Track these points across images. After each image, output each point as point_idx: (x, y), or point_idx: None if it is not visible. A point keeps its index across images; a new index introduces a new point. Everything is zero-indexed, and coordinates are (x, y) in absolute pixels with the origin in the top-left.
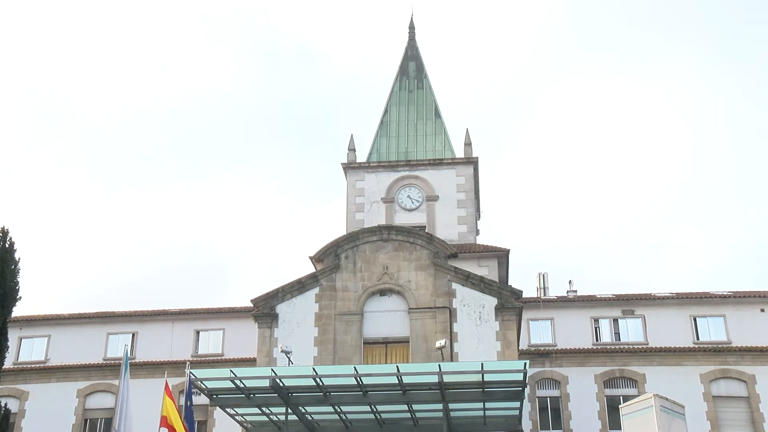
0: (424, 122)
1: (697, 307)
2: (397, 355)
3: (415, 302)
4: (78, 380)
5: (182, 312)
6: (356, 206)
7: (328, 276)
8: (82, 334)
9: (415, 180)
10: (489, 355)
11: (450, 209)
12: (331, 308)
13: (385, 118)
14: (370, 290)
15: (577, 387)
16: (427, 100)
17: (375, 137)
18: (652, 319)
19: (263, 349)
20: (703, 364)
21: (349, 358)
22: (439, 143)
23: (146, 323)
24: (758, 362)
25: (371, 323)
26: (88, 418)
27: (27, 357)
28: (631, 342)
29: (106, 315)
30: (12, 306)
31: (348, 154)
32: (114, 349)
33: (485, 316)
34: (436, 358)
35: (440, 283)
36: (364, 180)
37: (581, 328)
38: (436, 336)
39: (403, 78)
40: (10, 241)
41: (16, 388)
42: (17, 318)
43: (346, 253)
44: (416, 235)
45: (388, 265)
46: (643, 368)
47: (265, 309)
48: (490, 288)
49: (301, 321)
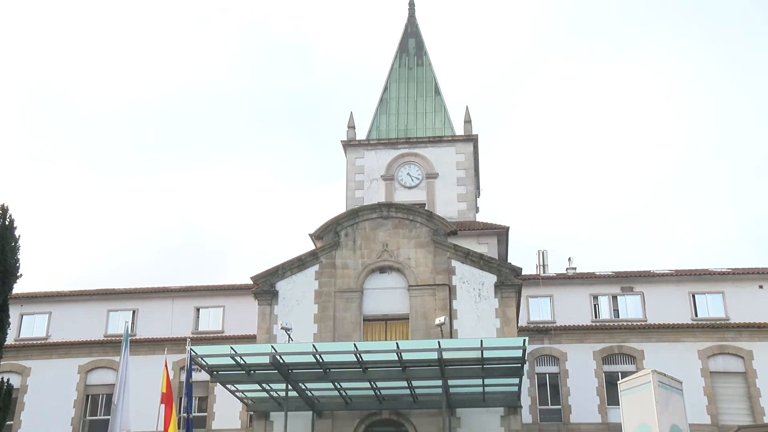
0: (424, 99)
1: (696, 283)
2: (397, 332)
3: (415, 279)
4: (79, 356)
5: (182, 289)
6: (356, 184)
7: (328, 253)
8: (83, 311)
9: (414, 157)
10: (488, 331)
11: (450, 187)
12: (330, 285)
13: (384, 95)
14: (370, 267)
15: (575, 363)
16: (426, 77)
17: (375, 114)
18: (651, 295)
19: (263, 326)
20: (701, 340)
21: (349, 335)
22: (438, 120)
23: (147, 300)
24: (756, 338)
25: (371, 300)
26: (90, 394)
27: (28, 333)
28: (630, 319)
29: (107, 292)
30: (13, 283)
31: (348, 132)
32: (114, 326)
33: (485, 294)
34: (435, 335)
35: (440, 261)
36: (364, 157)
37: (580, 305)
38: (435, 313)
39: (403, 55)
40: (10, 218)
41: (18, 363)
42: (18, 295)
43: (345, 230)
44: (416, 213)
45: (388, 242)
46: (642, 345)
47: (265, 286)
48: (489, 265)
49: (301, 298)
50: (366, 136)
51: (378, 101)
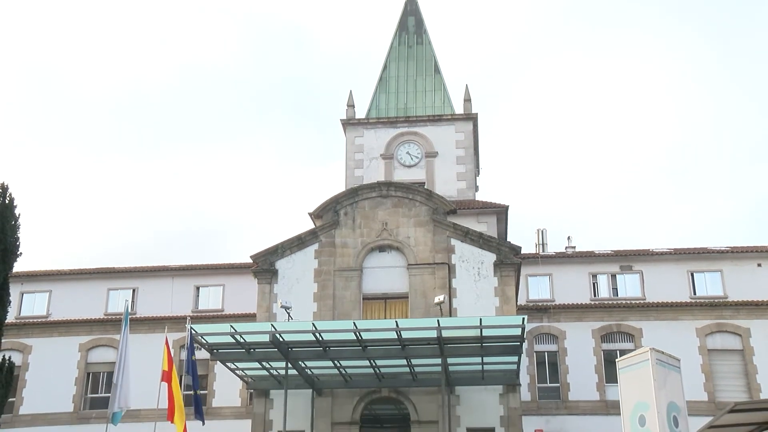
0: (424, 78)
1: (695, 262)
2: (396, 311)
3: (414, 258)
4: (80, 335)
5: (182, 268)
6: (355, 163)
7: (328, 232)
8: (83, 290)
9: (414, 136)
10: (487, 310)
11: (449, 165)
12: (330, 264)
13: (384, 73)
14: (370, 246)
15: (574, 341)
16: (426, 55)
17: (374, 93)
18: (649, 274)
19: (263, 305)
20: (699, 318)
21: (349, 314)
22: (438, 99)
23: (146, 279)
24: (754, 316)
25: (370, 279)
26: (91, 372)
27: (29, 312)
28: (628, 297)
29: (107, 271)
30: (13, 261)
31: (347, 111)
32: (115, 305)
33: (484, 272)
34: (434, 314)
35: (439, 239)
36: (363, 136)
37: (579, 284)
38: (434, 292)
39: (403, 33)
40: (10, 197)
41: (19, 341)
42: (18, 273)
43: (345, 209)
44: (415, 192)
45: (388, 221)
46: (640, 323)
47: (265, 265)
48: (489, 244)
49: (301, 277)
50: (365, 114)
51: (377, 80)
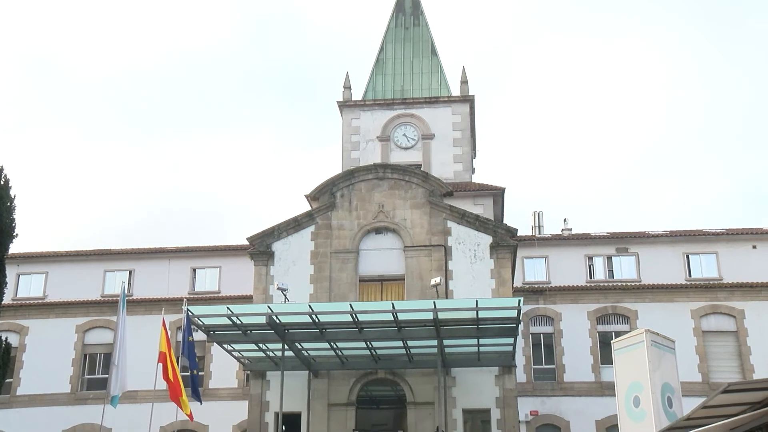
0: (420, 60)
1: (690, 244)
2: (393, 293)
3: (411, 240)
4: (76, 316)
5: (179, 250)
6: (352, 145)
7: (324, 214)
8: (80, 271)
9: (410, 118)
10: (483, 292)
11: (446, 147)
12: (326, 246)
13: (380, 55)
14: (366, 228)
15: (570, 323)
16: (423, 37)
17: (371, 75)
18: (645, 256)
19: (259, 287)
20: (694, 300)
21: (345, 296)
22: (435, 81)
23: (143, 261)
24: (748, 297)
25: (367, 261)
26: (88, 353)
27: (25, 293)
28: (624, 279)
29: (104, 252)
30: (9, 242)
31: (344, 92)
32: (111, 286)
33: (480, 254)
34: (431, 296)
35: (435, 222)
36: (360, 118)
37: (575, 266)
38: (431, 274)
39: (399, 14)
40: (6, 178)
41: (16, 323)
42: (15, 255)
43: (341, 191)
44: (412, 174)
45: (384, 203)
46: (636, 305)
47: (261, 247)
48: (485, 226)
49: (297, 259)
50: (362, 96)
51: (374, 62)
